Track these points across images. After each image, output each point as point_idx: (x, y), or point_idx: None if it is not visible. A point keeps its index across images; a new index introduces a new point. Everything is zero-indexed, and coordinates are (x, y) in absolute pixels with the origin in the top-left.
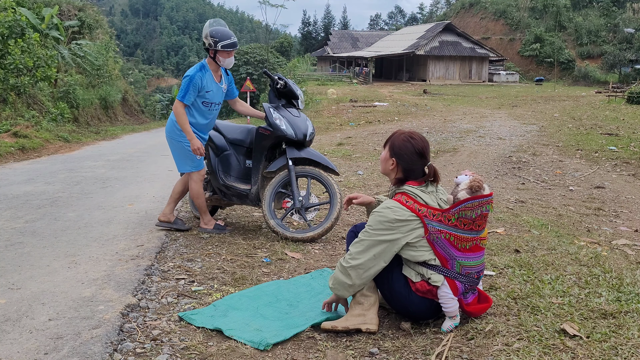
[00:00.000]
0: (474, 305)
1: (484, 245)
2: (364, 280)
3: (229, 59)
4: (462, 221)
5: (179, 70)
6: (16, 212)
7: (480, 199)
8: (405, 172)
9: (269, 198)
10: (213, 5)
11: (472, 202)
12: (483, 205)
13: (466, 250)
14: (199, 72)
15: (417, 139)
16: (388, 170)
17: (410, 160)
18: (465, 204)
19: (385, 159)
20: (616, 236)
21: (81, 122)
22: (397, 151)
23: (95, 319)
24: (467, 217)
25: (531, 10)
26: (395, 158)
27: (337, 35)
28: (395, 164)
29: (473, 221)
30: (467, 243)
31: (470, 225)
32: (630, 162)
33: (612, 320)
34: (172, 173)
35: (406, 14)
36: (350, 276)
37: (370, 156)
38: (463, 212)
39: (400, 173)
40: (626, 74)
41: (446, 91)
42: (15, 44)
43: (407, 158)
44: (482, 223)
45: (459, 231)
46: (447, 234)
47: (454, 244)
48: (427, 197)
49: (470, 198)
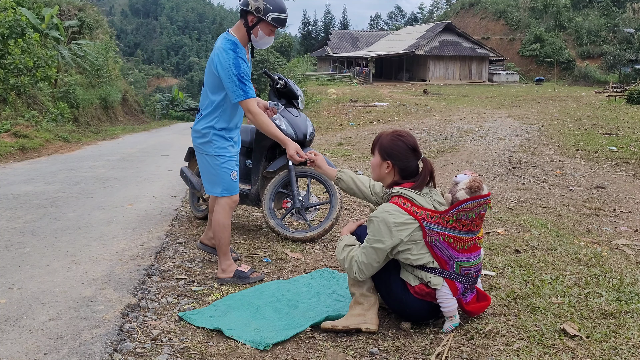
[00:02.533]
0: (473, 304)
1: (480, 245)
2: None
3: (269, 37)
4: (460, 222)
5: (179, 70)
6: (16, 212)
7: (478, 199)
8: (402, 172)
9: (269, 198)
10: (213, 6)
11: (470, 202)
12: (481, 205)
13: (465, 251)
14: (237, 51)
15: (405, 135)
16: (383, 175)
17: (406, 158)
18: (463, 204)
19: (378, 164)
20: (616, 236)
21: (81, 122)
22: (389, 152)
23: (95, 319)
24: (466, 218)
25: (531, 10)
26: (390, 160)
27: (337, 35)
28: (391, 166)
29: (471, 222)
30: (465, 244)
31: (468, 226)
32: (630, 162)
33: (612, 320)
34: (172, 173)
35: (406, 14)
36: (362, 272)
37: (370, 156)
38: (461, 213)
39: (397, 175)
40: (626, 74)
41: (446, 91)
42: (15, 44)
43: (401, 157)
44: (479, 223)
45: (457, 232)
46: (446, 236)
47: (453, 245)
48: (421, 199)
49: (469, 199)
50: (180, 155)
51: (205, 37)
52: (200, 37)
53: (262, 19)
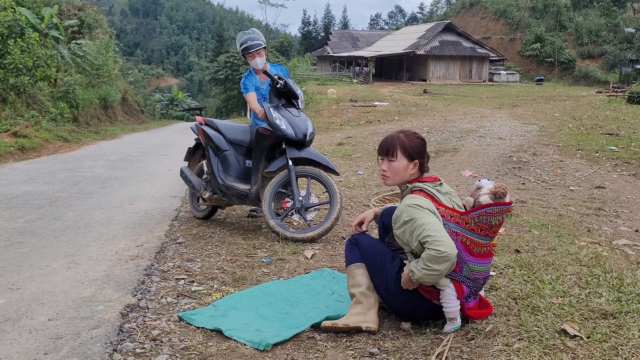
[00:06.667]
0: (474, 310)
1: (493, 252)
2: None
3: (252, 60)
4: (479, 226)
5: (179, 70)
6: (16, 212)
7: (501, 206)
8: (422, 167)
9: (269, 198)
10: (213, 5)
11: (492, 208)
12: (503, 212)
13: (479, 256)
14: (245, 78)
15: (415, 132)
16: (408, 176)
17: (424, 154)
18: (486, 209)
19: (405, 167)
20: (617, 236)
21: (81, 122)
22: (415, 151)
23: (94, 319)
24: (486, 223)
25: (531, 10)
26: (417, 159)
27: (337, 34)
28: (418, 164)
29: (490, 227)
30: (482, 248)
31: (486, 231)
32: (631, 162)
33: (612, 320)
34: (171, 173)
35: (406, 14)
36: (441, 243)
37: (370, 156)
38: (483, 217)
39: (418, 172)
40: (627, 74)
41: (446, 91)
42: (15, 43)
43: (423, 153)
44: (497, 230)
45: (475, 235)
46: (464, 237)
47: (470, 247)
48: (443, 197)
49: (492, 204)
50: (180, 155)
51: (205, 37)
52: (200, 37)
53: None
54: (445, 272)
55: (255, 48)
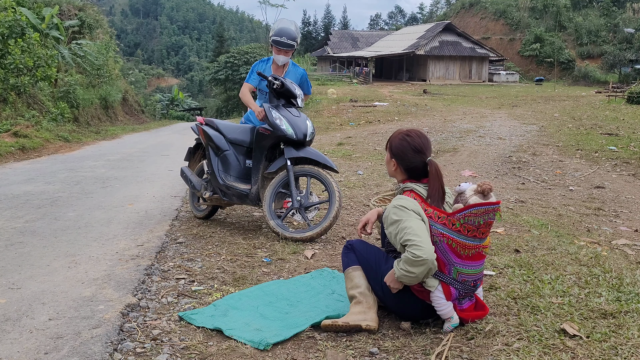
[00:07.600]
0: (469, 312)
1: (485, 253)
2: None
3: (277, 55)
4: (466, 227)
5: (179, 70)
6: (16, 212)
7: (487, 205)
8: (407, 171)
9: (269, 198)
10: (213, 5)
11: (478, 208)
12: (490, 212)
13: (467, 258)
14: (259, 62)
15: (413, 136)
16: (392, 172)
17: (408, 159)
18: (471, 209)
19: (388, 162)
20: (616, 236)
21: (81, 122)
22: (395, 152)
23: (95, 318)
24: (472, 224)
25: (531, 10)
26: (394, 159)
27: (337, 35)
28: (397, 165)
29: (477, 228)
30: (469, 250)
31: (474, 232)
32: (630, 162)
33: (612, 320)
34: (172, 173)
35: (406, 14)
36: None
37: (370, 156)
38: (468, 218)
39: (403, 174)
40: (626, 74)
41: (446, 91)
42: (16, 43)
43: (405, 157)
44: (485, 231)
45: (461, 237)
46: (449, 239)
47: (455, 250)
48: None
49: (478, 204)
50: (180, 155)
51: (206, 37)
52: (200, 37)
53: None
54: (422, 276)
55: (286, 47)
